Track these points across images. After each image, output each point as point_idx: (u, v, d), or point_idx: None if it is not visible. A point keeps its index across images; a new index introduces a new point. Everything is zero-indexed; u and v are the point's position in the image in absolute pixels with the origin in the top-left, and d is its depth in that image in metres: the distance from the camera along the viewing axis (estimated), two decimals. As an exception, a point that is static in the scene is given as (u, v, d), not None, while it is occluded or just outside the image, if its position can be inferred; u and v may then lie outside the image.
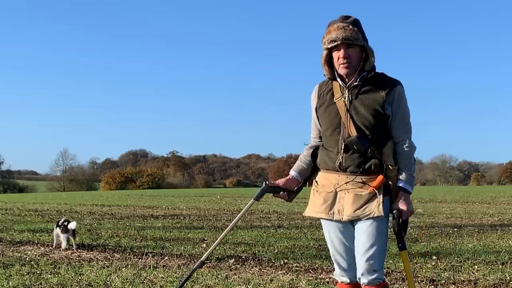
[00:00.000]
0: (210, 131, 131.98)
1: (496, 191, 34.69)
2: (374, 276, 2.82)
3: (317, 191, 2.99)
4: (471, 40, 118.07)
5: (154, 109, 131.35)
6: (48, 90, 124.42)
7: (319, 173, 3.03)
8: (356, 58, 2.80)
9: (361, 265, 2.84)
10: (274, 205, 16.87)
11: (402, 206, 2.79)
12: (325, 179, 2.96)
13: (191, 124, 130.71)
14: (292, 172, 3.10)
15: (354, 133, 2.82)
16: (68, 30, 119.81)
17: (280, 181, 3.04)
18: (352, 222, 2.88)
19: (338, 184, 2.88)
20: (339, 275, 3.02)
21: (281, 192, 3.02)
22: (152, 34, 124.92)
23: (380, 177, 2.80)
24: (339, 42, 2.74)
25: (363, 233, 2.82)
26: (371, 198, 2.81)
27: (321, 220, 3.02)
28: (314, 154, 3.08)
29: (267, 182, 2.99)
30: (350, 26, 2.74)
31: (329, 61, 2.88)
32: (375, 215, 2.78)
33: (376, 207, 2.79)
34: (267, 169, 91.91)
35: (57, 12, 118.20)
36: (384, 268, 3.66)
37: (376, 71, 2.88)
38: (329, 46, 2.78)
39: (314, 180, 3.07)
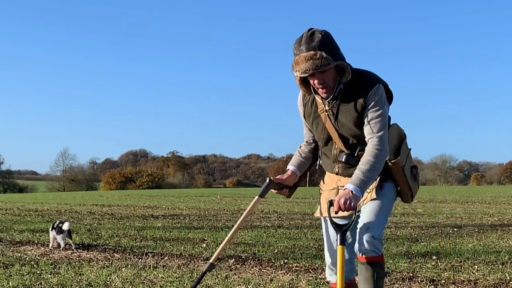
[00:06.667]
0: (210, 131, 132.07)
1: (496, 191, 34.66)
2: (371, 244, 2.72)
3: (322, 190, 3.05)
4: (472, 39, 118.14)
5: (154, 109, 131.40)
6: (48, 90, 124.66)
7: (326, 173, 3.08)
8: (331, 78, 2.72)
9: (360, 234, 2.78)
10: (274, 205, 16.86)
11: (336, 198, 2.66)
12: (328, 177, 3.04)
13: (191, 124, 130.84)
14: (291, 167, 3.07)
15: (343, 147, 2.85)
16: (68, 30, 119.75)
17: (283, 177, 3.01)
18: None
19: (340, 180, 2.93)
20: (328, 275, 3.03)
21: (284, 189, 3.01)
22: (152, 35, 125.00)
23: None
24: (310, 72, 2.63)
25: (364, 211, 2.83)
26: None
27: (321, 218, 3.06)
28: (311, 149, 3.11)
29: (271, 178, 2.96)
30: (318, 54, 2.58)
31: (304, 80, 2.80)
32: (368, 201, 2.83)
33: (369, 195, 2.83)
34: (267, 169, 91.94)
35: (57, 12, 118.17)
36: (386, 268, 3.59)
37: (353, 68, 2.78)
38: (301, 76, 2.69)
39: (321, 180, 3.10)
